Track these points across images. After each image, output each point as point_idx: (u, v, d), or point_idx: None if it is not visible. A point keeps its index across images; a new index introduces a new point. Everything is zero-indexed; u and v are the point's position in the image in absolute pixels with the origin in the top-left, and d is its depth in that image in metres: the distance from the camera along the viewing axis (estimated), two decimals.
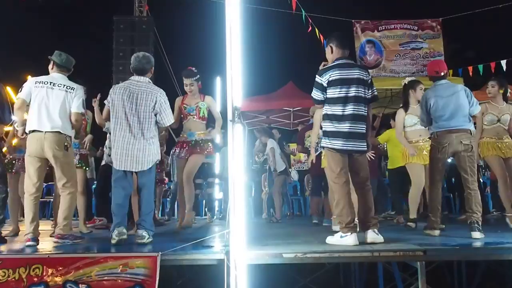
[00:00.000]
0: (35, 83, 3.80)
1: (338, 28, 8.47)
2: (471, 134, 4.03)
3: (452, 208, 7.25)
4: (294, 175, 9.30)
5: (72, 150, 3.95)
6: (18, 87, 4.36)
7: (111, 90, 3.94)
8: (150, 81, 3.98)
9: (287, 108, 9.85)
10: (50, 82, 3.82)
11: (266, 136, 7.13)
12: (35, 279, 2.93)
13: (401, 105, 5.14)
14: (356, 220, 3.52)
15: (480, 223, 3.76)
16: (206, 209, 8.41)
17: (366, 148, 3.62)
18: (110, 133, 4.31)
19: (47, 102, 3.74)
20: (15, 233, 4.76)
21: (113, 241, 3.58)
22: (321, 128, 4.06)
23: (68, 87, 3.85)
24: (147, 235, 3.67)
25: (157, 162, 3.97)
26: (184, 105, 4.82)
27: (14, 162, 5.02)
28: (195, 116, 4.79)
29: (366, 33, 10.07)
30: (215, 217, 7.15)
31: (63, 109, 3.80)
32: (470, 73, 9.30)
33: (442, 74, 4.21)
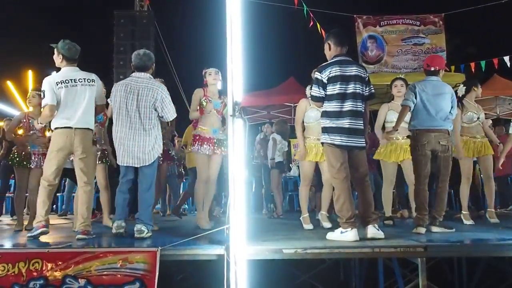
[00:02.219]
0: (56, 84, 3.78)
1: (339, 23, 8.42)
2: (449, 134, 4.06)
3: (452, 205, 7.22)
4: (295, 171, 9.29)
5: (94, 147, 4.03)
6: (16, 79, 4.35)
7: (113, 88, 3.95)
8: (151, 77, 3.98)
9: (288, 104, 9.83)
10: (71, 80, 3.81)
11: (275, 130, 7.10)
12: (35, 273, 2.93)
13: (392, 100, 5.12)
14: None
15: (440, 219, 3.96)
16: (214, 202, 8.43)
17: (365, 144, 3.62)
18: None
19: (74, 100, 3.77)
20: (21, 228, 4.78)
21: (112, 232, 3.73)
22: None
23: (89, 80, 3.86)
24: (145, 229, 3.69)
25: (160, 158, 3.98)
26: (209, 99, 4.59)
27: (31, 155, 4.85)
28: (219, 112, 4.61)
29: (368, 28, 10.03)
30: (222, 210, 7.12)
31: (90, 104, 3.85)
32: (473, 69, 9.25)
33: (432, 69, 4.15)
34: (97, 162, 4.57)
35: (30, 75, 12.45)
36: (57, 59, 3.90)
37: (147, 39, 12.21)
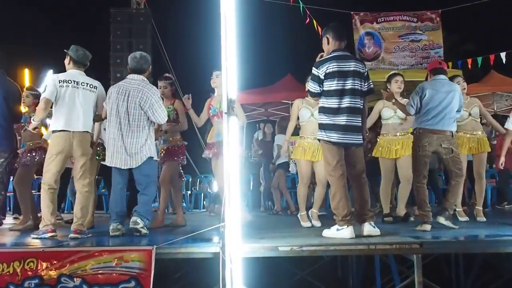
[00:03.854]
0: (59, 82, 3.78)
1: (336, 20, 8.39)
2: (452, 136, 4.02)
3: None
4: (293, 168, 9.29)
5: (94, 148, 4.03)
6: (12, 78, 4.35)
7: (108, 90, 3.95)
8: (145, 79, 3.94)
9: (286, 101, 9.81)
10: (74, 81, 3.82)
11: (278, 127, 7.12)
12: (30, 273, 2.92)
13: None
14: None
15: (450, 213, 3.92)
16: (204, 202, 8.43)
17: (362, 141, 3.60)
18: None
19: (75, 102, 3.77)
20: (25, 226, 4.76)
21: (110, 234, 3.68)
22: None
23: (92, 86, 3.90)
24: (141, 222, 3.69)
25: (153, 158, 3.94)
26: (211, 105, 4.67)
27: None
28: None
29: (365, 25, 10.02)
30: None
31: (89, 108, 3.87)
32: (469, 66, 9.25)
33: (442, 67, 4.18)
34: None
35: (26, 74, 12.40)
36: (66, 61, 3.95)
37: (144, 37, 12.15)
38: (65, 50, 3.96)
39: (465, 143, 4.70)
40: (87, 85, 3.88)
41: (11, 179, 4.86)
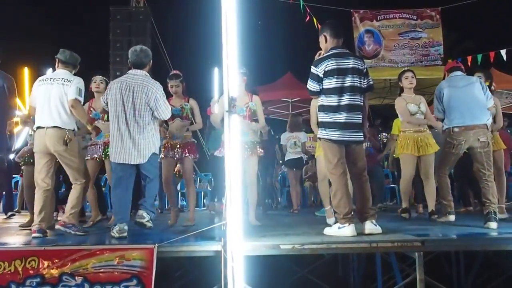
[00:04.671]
0: (38, 81, 3.87)
1: (336, 17, 8.38)
2: (487, 129, 4.00)
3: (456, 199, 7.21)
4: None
5: (75, 144, 3.89)
6: (12, 76, 4.34)
7: (109, 85, 3.94)
8: (147, 74, 3.92)
9: (286, 99, 9.81)
10: (51, 78, 3.86)
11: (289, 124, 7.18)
12: (31, 271, 2.91)
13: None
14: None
15: (496, 213, 3.81)
16: (204, 200, 8.43)
17: (363, 138, 3.59)
18: None
19: (47, 98, 3.78)
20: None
21: (113, 236, 3.58)
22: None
23: (65, 80, 3.85)
24: (147, 216, 3.69)
25: (157, 154, 3.95)
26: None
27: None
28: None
29: (364, 22, 10.01)
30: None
31: (62, 103, 3.81)
32: (469, 63, 9.25)
33: (460, 66, 4.23)
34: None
35: (26, 72, 12.37)
36: (56, 64, 4.00)
37: (144, 35, 12.15)
38: (55, 56, 3.98)
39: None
40: (61, 80, 3.85)
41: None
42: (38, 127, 3.79)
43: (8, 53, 4.37)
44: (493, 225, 3.70)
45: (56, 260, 2.93)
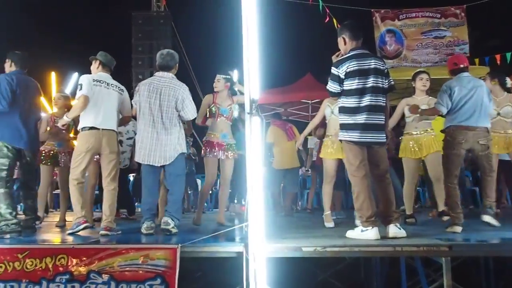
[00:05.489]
0: (93, 81, 3.94)
1: (356, 17, 8.31)
2: (488, 132, 3.96)
3: (478, 203, 7.01)
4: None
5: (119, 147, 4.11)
6: (40, 81, 4.45)
7: (136, 87, 4.03)
8: (174, 76, 4.03)
9: (306, 101, 9.76)
10: (105, 82, 3.99)
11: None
12: (61, 268, 3.01)
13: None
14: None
15: (493, 208, 3.92)
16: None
17: (385, 140, 3.54)
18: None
19: (104, 101, 3.91)
20: (63, 223, 4.95)
21: (142, 233, 3.75)
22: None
23: (120, 88, 4.08)
24: (172, 222, 3.76)
25: (185, 154, 4.03)
26: (218, 105, 4.71)
27: (58, 155, 5.03)
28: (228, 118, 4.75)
29: (386, 22, 9.88)
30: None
31: (117, 109, 4.02)
32: (498, 61, 8.98)
33: (462, 66, 4.08)
34: None
35: (53, 77, 12.73)
36: (94, 66, 4.12)
37: (164, 39, 12.33)
38: (92, 56, 4.11)
39: (501, 143, 4.68)
40: (116, 87, 4.05)
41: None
42: (91, 127, 3.87)
43: (35, 59, 4.50)
44: (487, 218, 3.90)
45: (84, 258, 3.02)
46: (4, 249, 3.12)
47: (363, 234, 3.30)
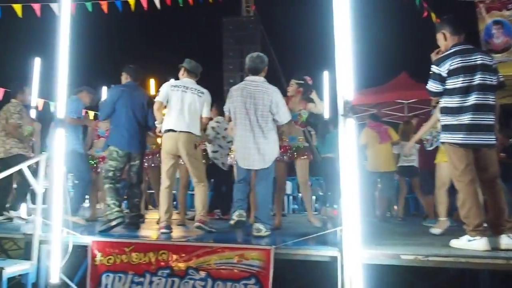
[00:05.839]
0: (171, 87, 4.23)
1: (457, 10, 7.69)
2: None
3: None
4: None
5: (199, 149, 4.31)
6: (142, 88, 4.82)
7: (229, 93, 4.12)
8: (265, 80, 4.06)
9: (400, 101, 9.31)
10: (184, 86, 4.22)
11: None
12: (162, 263, 3.23)
13: None
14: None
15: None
16: (316, 204, 8.42)
17: (494, 142, 3.22)
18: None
19: (181, 105, 4.13)
20: (94, 218, 5.35)
21: (231, 222, 3.82)
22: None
23: (199, 91, 4.23)
24: (263, 228, 3.79)
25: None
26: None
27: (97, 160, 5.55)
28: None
29: (492, 13, 9.05)
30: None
31: (195, 111, 4.17)
32: None
33: None
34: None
35: (152, 83, 13.74)
36: (181, 72, 4.36)
37: (254, 44, 12.66)
38: (180, 65, 4.35)
39: None
40: (195, 90, 4.20)
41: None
42: (169, 130, 4.11)
43: (137, 64, 4.86)
44: None
45: (183, 255, 3.19)
46: (113, 243, 3.42)
47: (470, 244, 3.03)
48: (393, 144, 6.31)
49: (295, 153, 4.58)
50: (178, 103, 4.12)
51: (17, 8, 6.44)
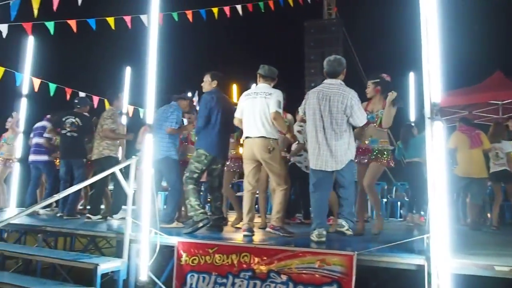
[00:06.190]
0: (244, 96, 4.42)
1: None
2: None
3: None
4: None
5: (277, 152, 4.27)
6: (224, 92, 5.02)
7: (306, 95, 4.16)
8: (342, 83, 4.04)
9: (495, 102, 8.61)
10: (254, 92, 4.36)
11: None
12: (244, 265, 3.31)
13: None
14: None
15: None
16: (401, 210, 8.10)
17: None
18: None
19: (252, 111, 4.27)
20: (238, 222, 5.44)
21: (312, 238, 3.74)
22: None
23: (267, 93, 4.28)
24: (346, 224, 3.82)
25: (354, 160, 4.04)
26: (368, 111, 4.54)
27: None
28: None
29: None
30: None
31: (265, 115, 4.23)
32: None
33: None
34: None
35: (234, 89, 14.25)
36: (257, 79, 4.47)
37: (336, 46, 12.55)
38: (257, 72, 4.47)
39: None
40: (263, 93, 4.27)
41: None
42: (246, 137, 4.28)
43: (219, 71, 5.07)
44: None
45: (265, 258, 3.25)
46: (198, 244, 3.57)
47: None
48: (484, 152, 5.90)
49: (373, 156, 4.43)
50: (250, 110, 4.27)
51: (110, 21, 6.97)
